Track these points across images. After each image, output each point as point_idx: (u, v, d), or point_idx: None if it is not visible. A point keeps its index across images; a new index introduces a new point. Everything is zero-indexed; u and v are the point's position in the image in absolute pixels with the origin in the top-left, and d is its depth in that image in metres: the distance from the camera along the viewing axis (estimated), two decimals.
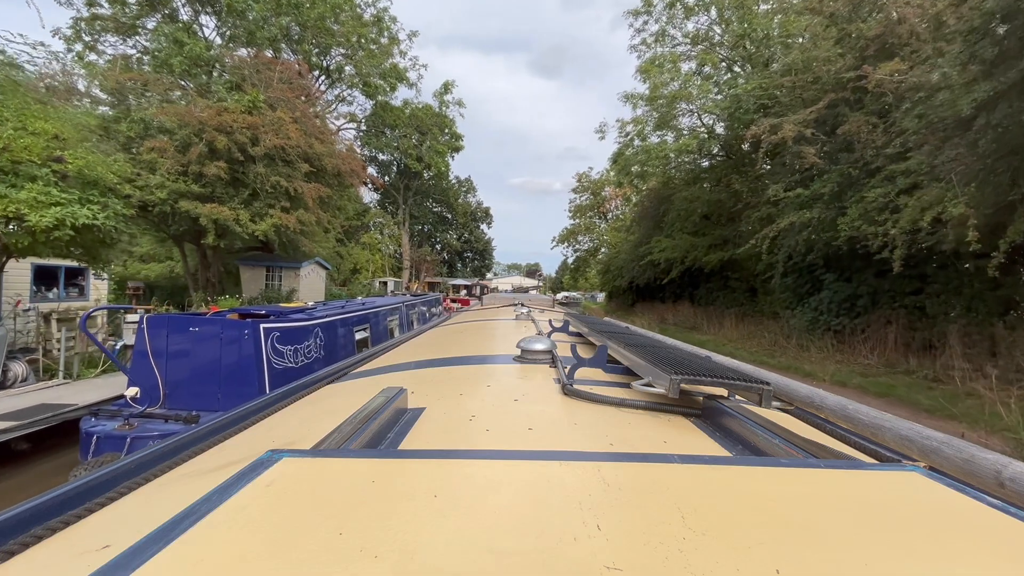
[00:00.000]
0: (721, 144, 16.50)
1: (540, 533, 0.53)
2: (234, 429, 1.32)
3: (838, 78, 10.83)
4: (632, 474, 0.70)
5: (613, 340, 1.88)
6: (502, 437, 1.05)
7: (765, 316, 17.97)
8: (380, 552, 0.49)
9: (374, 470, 0.69)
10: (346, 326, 8.38)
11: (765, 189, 14.55)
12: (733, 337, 18.01)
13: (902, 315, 11.54)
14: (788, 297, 15.12)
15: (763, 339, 15.77)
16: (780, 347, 14.43)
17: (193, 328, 6.30)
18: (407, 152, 31.61)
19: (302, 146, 15.57)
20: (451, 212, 57.44)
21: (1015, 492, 0.87)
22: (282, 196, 15.35)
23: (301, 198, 15.66)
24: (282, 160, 15.32)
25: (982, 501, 0.64)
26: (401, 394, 1.20)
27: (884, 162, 9.73)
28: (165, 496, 0.89)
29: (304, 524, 0.54)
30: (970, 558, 0.51)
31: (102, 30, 18.66)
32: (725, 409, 1.14)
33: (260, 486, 0.63)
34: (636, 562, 0.48)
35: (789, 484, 0.67)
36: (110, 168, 8.32)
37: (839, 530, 0.55)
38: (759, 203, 14.40)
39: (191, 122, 13.77)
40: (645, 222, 26.68)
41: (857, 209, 10.00)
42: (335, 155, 17.52)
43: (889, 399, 8.86)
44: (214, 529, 0.53)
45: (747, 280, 20.63)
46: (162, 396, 6.23)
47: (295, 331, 6.87)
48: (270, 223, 14.75)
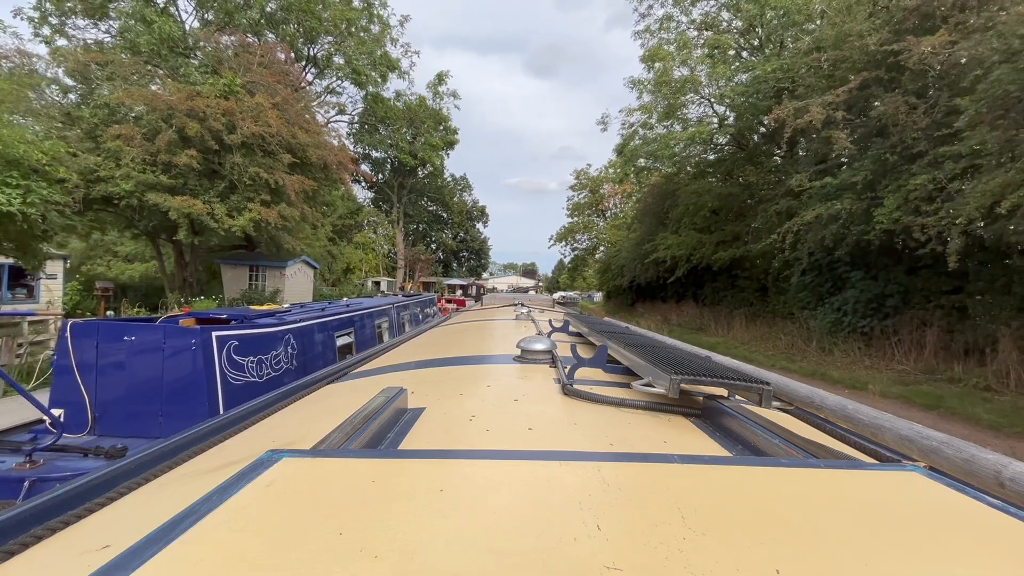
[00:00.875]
0: (732, 135, 15.46)
1: (540, 533, 0.52)
2: (234, 429, 1.31)
3: (871, 55, 9.80)
4: (632, 474, 0.69)
5: (613, 340, 1.86)
6: (502, 437, 1.04)
7: (778, 317, 16.96)
8: (380, 552, 0.48)
9: (374, 470, 0.69)
10: (325, 331, 7.30)
11: (783, 181, 13.54)
12: (745, 339, 16.99)
13: (938, 316, 10.56)
14: (807, 297, 14.11)
15: (779, 341, 14.75)
16: (799, 350, 13.41)
17: (128, 337, 5.18)
18: (400, 146, 30.38)
19: (284, 135, 14.38)
20: (446, 211, 56.43)
21: (1015, 492, 0.86)
22: (262, 189, 14.16)
23: (283, 191, 14.48)
24: (262, 150, 14.13)
25: (982, 501, 0.63)
26: (401, 394, 1.20)
27: (928, 146, 8.71)
28: (165, 496, 0.89)
29: (304, 524, 0.54)
30: (970, 558, 0.50)
31: (70, 12, 17.37)
32: (725, 409, 1.14)
33: (260, 486, 0.63)
34: (636, 562, 0.47)
35: (789, 484, 0.66)
36: (38, 147, 7.09)
37: (839, 530, 0.54)
38: (776, 196, 13.38)
39: (159, 106, 12.56)
40: (648, 219, 25.68)
41: (896, 198, 8.99)
42: (321, 146, 16.33)
43: (939, 412, 7.85)
44: (214, 529, 0.53)
45: (757, 279, 19.63)
46: (90, 420, 5.13)
47: (259, 339, 5.79)
48: (248, 218, 13.57)
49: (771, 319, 17.15)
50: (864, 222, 10.06)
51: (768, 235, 12.63)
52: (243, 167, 13.60)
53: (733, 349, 15.83)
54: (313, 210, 17.62)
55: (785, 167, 13.17)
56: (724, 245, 18.91)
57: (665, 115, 16.13)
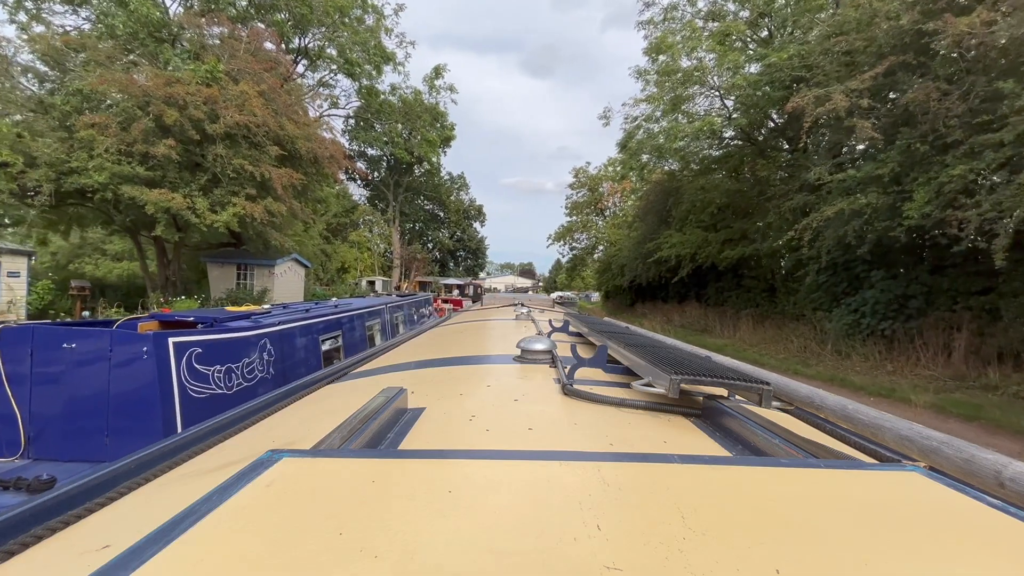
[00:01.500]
0: (741, 128, 14.76)
1: (540, 533, 0.52)
2: (234, 429, 1.31)
3: (899, 38, 9.14)
4: (632, 474, 0.69)
5: (613, 340, 1.85)
6: (502, 437, 1.04)
7: (787, 318, 16.31)
8: (380, 552, 0.48)
9: (374, 470, 0.68)
10: (308, 335, 6.59)
11: (796, 176, 12.84)
12: (753, 341, 16.33)
13: (967, 318, 9.91)
14: (820, 297, 13.44)
15: (790, 344, 14.09)
16: (813, 354, 12.75)
17: (69, 344, 4.46)
18: (395, 141, 29.55)
19: (271, 125, 13.58)
20: (443, 210, 55.78)
21: (1015, 492, 0.86)
22: (247, 182, 13.37)
23: (270, 185, 13.69)
24: (247, 141, 13.33)
25: (982, 501, 0.63)
26: (401, 394, 1.19)
27: (964, 134, 8.04)
28: (165, 496, 0.88)
29: (304, 524, 0.54)
30: (970, 558, 0.50)
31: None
32: (725, 409, 1.14)
33: (260, 486, 0.63)
34: (636, 562, 0.47)
35: (789, 484, 0.66)
36: None
37: (839, 530, 0.54)
38: (790, 191, 12.70)
39: (134, 92, 11.74)
40: (650, 217, 25.04)
41: (926, 192, 8.32)
42: (312, 139, 15.53)
43: (981, 423, 7.19)
44: (214, 529, 0.53)
45: (765, 278, 18.99)
46: (23, 442, 4.44)
47: (227, 345, 5.11)
48: (232, 213, 12.77)
49: (780, 320, 16.50)
50: (889, 217, 9.39)
51: (781, 232, 11.95)
52: (226, 159, 12.80)
53: (742, 352, 15.16)
54: (303, 206, 16.83)
55: (800, 160, 12.48)
56: (731, 243, 18.30)
57: (671, 107, 15.41)
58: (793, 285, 16.17)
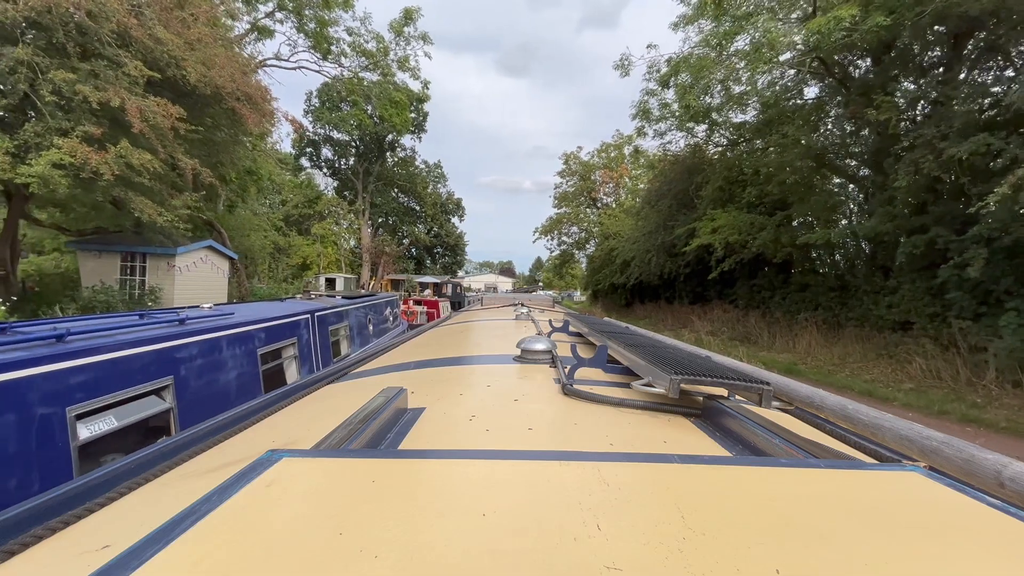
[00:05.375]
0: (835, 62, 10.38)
1: (540, 533, 0.52)
2: (234, 429, 1.28)
3: None
4: (632, 474, 0.69)
5: (613, 340, 1.84)
6: (502, 437, 1.03)
7: (874, 328, 12.10)
8: (380, 552, 0.48)
9: (374, 470, 0.68)
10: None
11: (960, 107, 8.33)
12: (831, 359, 12.05)
13: None
14: (963, 299, 9.17)
15: (908, 367, 9.80)
16: (968, 384, 8.50)
17: None
18: (359, 107, 24.33)
19: (129, 25, 8.55)
20: (419, 203, 50.60)
21: (1015, 492, 0.83)
22: (84, 113, 8.32)
23: (124, 120, 8.65)
24: (80, 47, 8.29)
25: (982, 501, 0.63)
26: (401, 394, 1.18)
27: None
28: (165, 496, 0.87)
29: (304, 524, 0.53)
30: (970, 558, 0.50)
31: None
32: (725, 409, 1.13)
33: (260, 486, 0.62)
34: (636, 562, 0.47)
35: (789, 484, 0.66)
36: None
37: (839, 530, 0.54)
38: (948, 132, 8.23)
39: None
40: (666, 201, 20.73)
41: None
42: (210, 64, 10.49)
43: None
44: (214, 529, 0.52)
45: (832, 273, 14.82)
46: None
47: None
48: (48, 160, 7.73)
49: (865, 331, 12.27)
50: None
51: (934, 196, 7.55)
52: (38, 70, 7.70)
53: (830, 376, 10.82)
54: (207, 171, 11.68)
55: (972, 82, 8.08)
56: (786, 227, 14.04)
57: (734, 31, 10.95)
58: (885, 283, 11.96)
